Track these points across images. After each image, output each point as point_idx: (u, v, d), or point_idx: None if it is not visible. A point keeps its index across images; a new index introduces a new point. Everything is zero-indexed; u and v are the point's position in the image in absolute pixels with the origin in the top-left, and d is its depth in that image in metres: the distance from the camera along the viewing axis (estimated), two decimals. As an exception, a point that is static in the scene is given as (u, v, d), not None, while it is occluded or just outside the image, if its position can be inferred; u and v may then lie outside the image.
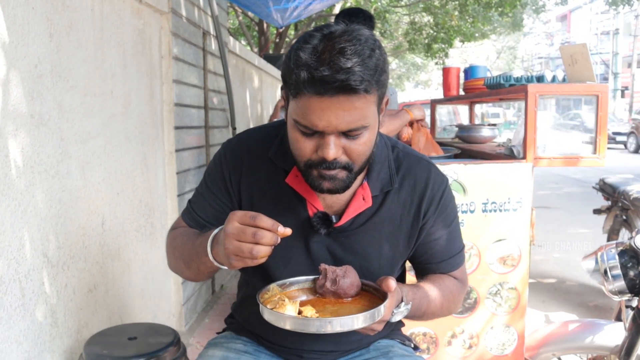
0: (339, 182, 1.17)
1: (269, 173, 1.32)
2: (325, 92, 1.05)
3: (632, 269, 1.65)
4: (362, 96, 1.07)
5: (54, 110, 1.89)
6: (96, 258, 2.20)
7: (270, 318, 1.07)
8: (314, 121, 1.09)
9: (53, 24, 1.89)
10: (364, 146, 1.15)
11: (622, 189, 3.79)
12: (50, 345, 1.86)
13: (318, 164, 1.15)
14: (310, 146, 1.14)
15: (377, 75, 1.09)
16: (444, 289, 1.36)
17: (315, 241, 1.31)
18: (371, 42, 1.09)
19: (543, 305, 3.95)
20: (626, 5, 16.96)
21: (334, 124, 1.09)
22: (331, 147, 1.11)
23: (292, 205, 1.30)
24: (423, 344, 2.63)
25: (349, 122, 1.09)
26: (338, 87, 1.04)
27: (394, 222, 1.32)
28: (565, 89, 2.62)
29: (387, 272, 1.33)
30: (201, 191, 1.40)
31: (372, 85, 1.08)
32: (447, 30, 12.63)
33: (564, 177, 11.58)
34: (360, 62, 1.05)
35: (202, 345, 3.17)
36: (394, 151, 1.36)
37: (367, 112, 1.11)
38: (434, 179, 1.35)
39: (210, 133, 3.92)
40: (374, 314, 1.06)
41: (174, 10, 3.11)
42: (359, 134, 1.13)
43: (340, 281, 1.15)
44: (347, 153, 1.15)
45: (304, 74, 1.06)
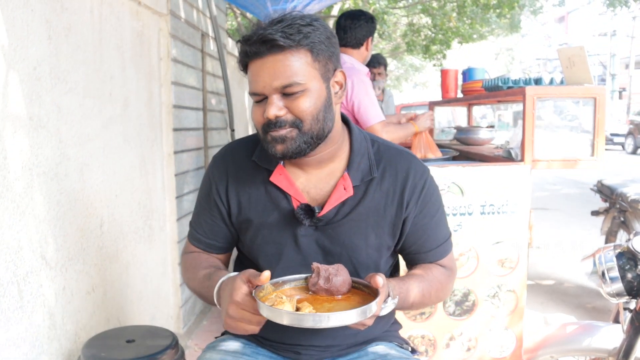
0: (290, 142, 1.24)
1: (254, 175, 1.38)
2: (254, 52, 1.21)
3: (629, 271, 1.66)
4: (288, 52, 1.19)
5: (53, 113, 1.89)
6: (94, 260, 2.20)
7: (268, 314, 1.09)
8: (254, 85, 1.23)
9: (52, 26, 1.89)
10: (306, 105, 1.23)
11: (620, 190, 3.80)
12: (48, 348, 1.86)
13: (268, 126, 1.24)
14: (261, 111, 1.25)
15: (307, 39, 1.21)
16: (432, 279, 1.40)
17: (303, 235, 1.35)
18: (308, 19, 1.23)
19: (541, 307, 3.96)
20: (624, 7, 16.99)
21: (268, 82, 1.20)
22: (271, 105, 1.22)
23: (278, 202, 1.35)
24: (421, 346, 2.63)
25: (281, 78, 1.20)
26: (260, 42, 1.19)
27: (378, 211, 1.36)
28: (562, 91, 2.63)
29: (375, 260, 1.39)
30: (197, 210, 1.48)
31: (297, 41, 1.19)
32: (445, 31, 12.63)
33: (561, 179, 11.59)
34: (286, 23, 1.20)
35: (200, 348, 3.16)
36: (374, 145, 1.42)
37: (298, 69, 1.20)
38: (415, 169, 1.39)
39: (208, 135, 3.92)
40: (366, 310, 1.10)
41: (173, 12, 3.11)
42: (295, 91, 1.21)
43: (332, 279, 1.18)
44: (291, 111, 1.23)
45: (240, 46, 1.24)
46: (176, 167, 3.18)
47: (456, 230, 2.55)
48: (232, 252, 1.54)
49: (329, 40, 1.26)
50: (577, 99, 2.66)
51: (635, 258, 1.65)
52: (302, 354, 1.40)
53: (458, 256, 2.58)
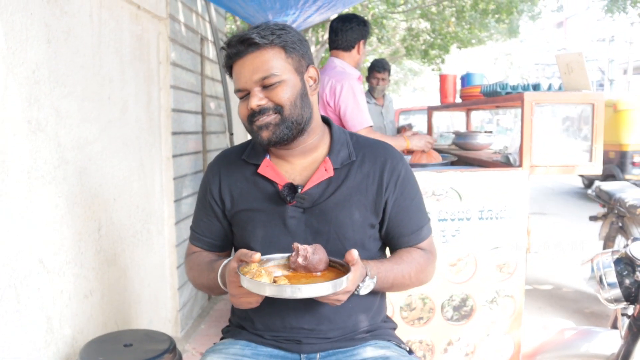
0: (274, 127, 1.39)
1: (244, 171, 1.52)
2: (235, 53, 1.37)
3: (627, 277, 1.66)
4: (264, 50, 1.36)
5: (52, 116, 1.89)
6: (92, 264, 2.20)
7: (248, 286, 1.21)
8: (237, 82, 1.39)
9: (51, 30, 1.89)
10: (283, 93, 1.38)
11: (618, 196, 3.81)
12: (46, 352, 1.85)
13: (252, 116, 1.39)
14: (246, 105, 1.40)
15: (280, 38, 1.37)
16: (411, 260, 1.50)
17: (291, 217, 1.45)
18: (281, 25, 1.40)
19: (539, 312, 3.96)
20: (622, 13, 17.04)
21: (249, 77, 1.37)
22: (253, 97, 1.37)
23: (266, 190, 1.48)
24: (419, 351, 2.63)
25: (260, 72, 1.36)
26: (239, 42, 1.35)
27: (360, 191, 1.47)
28: (561, 97, 2.64)
29: (360, 237, 1.49)
30: (196, 212, 1.61)
31: (271, 40, 1.36)
32: (444, 36, 12.66)
33: (560, 183, 11.60)
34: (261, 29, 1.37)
35: (197, 352, 3.16)
36: (353, 138, 1.56)
37: (274, 64, 1.36)
38: (392, 155, 1.53)
39: (207, 139, 3.92)
40: (337, 283, 1.21)
41: (172, 16, 3.11)
42: (273, 82, 1.36)
43: (310, 257, 1.29)
44: (271, 99, 1.38)
45: (223, 51, 1.41)
46: (175, 171, 3.18)
47: (454, 235, 2.56)
48: (231, 250, 1.61)
49: (300, 42, 1.42)
50: (576, 104, 2.67)
51: (633, 264, 1.65)
52: (303, 343, 1.44)
53: (456, 261, 2.58)
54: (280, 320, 1.45)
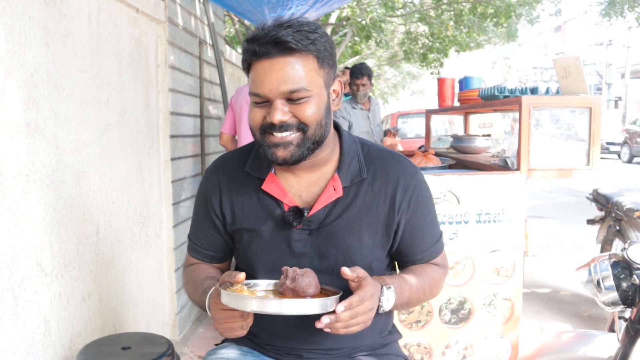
0: (293, 149, 1.25)
1: (246, 185, 1.40)
2: (264, 52, 1.19)
3: (624, 281, 1.66)
4: (297, 56, 1.20)
5: (50, 119, 1.89)
6: (90, 267, 2.20)
7: (227, 300, 1.13)
8: (260, 87, 1.21)
9: (50, 33, 1.89)
10: (311, 111, 1.23)
11: (616, 199, 3.81)
12: (43, 355, 1.85)
13: (270, 128, 1.24)
14: (262, 113, 1.25)
15: (314, 45, 1.21)
16: (425, 275, 1.42)
17: (297, 240, 1.36)
18: (313, 26, 1.23)
19: (537, 315, 3.96)
20: (619, 17, 17.10)
21: (275, 85, 1.20)
22: (276, 110, 1.21)
23: (270, 209, 1.37)
24: (417, 354, 2.63)
25: (290, 83, 1.20)
26: (272, 42, 1.18)
27: (370, 212, 1.37)
28: (558, 101, 2.64)
29: (369, 261, 1.39)
30: (194, 223, 1.51)
31: (306, 46, 1.20)
32: (443, 40, 12.69)
33: (557, 187, 11.62)
34: (294, 28, 1.20)
35: (195, 355, 3.16)
36: (364, 148, 1.43)
37: (306, 74, 1.21)
38: (405, 170, 1.40)
39: (206, 142, 3.93)
40: (328, 302, 1.13)
41: (171, 19, 3.12)
42: (301, 97, 1.22)
43: (299, 279, 1.19)
44: (296, 116, 1.23)
45: (246, 45, 1.22)
46: (173, 174, 3.18)
47: (452, 238, 2.56)
48: (231, 259, 1.56)
49: (332, 50, 1.28)
50: (573, 108, 2.67)
51: (630, 267, 1.65)
52: (303, 357, 1.41)
53: (454, 264, 2.58)
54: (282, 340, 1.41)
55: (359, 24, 10.48)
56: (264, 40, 1.19)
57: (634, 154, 18.39)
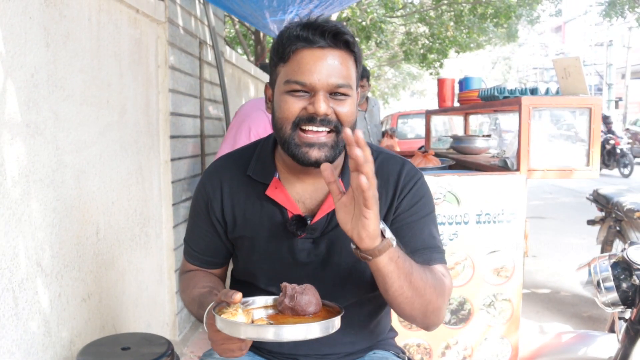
0: (328, 150, 1.21)
1: (248, 191, 1.36)
2: (317, 41, 1.15)
3: (624, 281, 1.66)
4: (346, 53, 1.18)
5: (50, 120, 1.89)
6: (90, 267, 2.20)
7: (221, 326, 1.06)
8: (306, 75, 1.16)
9: (50, 34, 1.89)
10: (350, 110, 1.21)
11: (616, 200, 3.81)
12: (43, 355, 1.85)
13: (307, 121, 1.18)
14: (300, 104, 1.18)
15: (355, 46, 1.20)
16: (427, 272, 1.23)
17: (300, 249, 1.33)
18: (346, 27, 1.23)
19: (537, 316, 3.96)
20: (620, 17, 17.12)
21: (325, 75, 1.16)
22: (322, 102, 1.16)
23: (273, 216, 1.33)
24: (417, 355, 2.63)
25: (340, 77, 1.17)
26: (329, 33, 1.15)
27: None
28: (558, 101, 2.64)
29: None
30: (191, 227, 1.45)
31: (355, 46, 1.19)
32: (443, 40, 12.70)
33: (558, 187, 11.62)
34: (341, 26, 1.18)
35: (195, 355, 3.16)
36: None
37: (351, 73, 1.20)
38: (407, 171, 1.38)
39: (206, 142, 3.93)
40: (330, 324, 1.06)
41: (171, 20, 3.12)
42: (345, 93, 1.19)
43: (297, 297, 1.13)
44: (337, 113, 1.20)
45: (298, 31, 1.16)
46: (173, 175, 3.18)
47: (452, 239, 2.56)
48: (228, 264, 1.52)
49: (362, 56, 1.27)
50: (573, 108, 2.68)
51: (630, 268, 1.66)
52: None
53: (454, 265, 2.58)
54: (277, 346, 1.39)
55: (359, 25, 10.49)
56: (322, 29, 1.15)
57: (634, 154, 18.39)
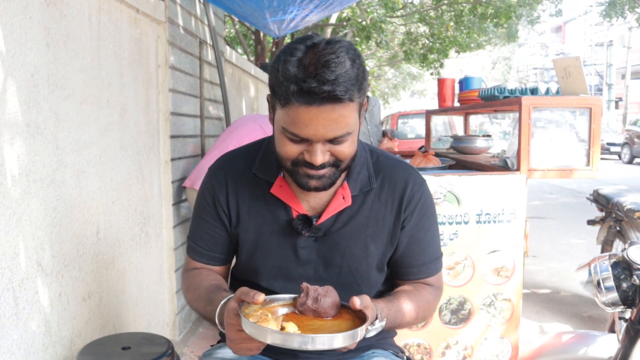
0: (326, 180, 1.25)
1: (253, 188, 1.38)
2: (312, 102, 1.13)
3: (624, 281, 1.66)
4: (346, 104, 1.16)
5: (50, 119, 1.89)
6: (90, 267, 2.20)
7: (251, 331, 1.07)
8: (302, 130, 1.17)
9: (50, 34, 1.89)
10: (349, 149, 1.23)
11: (616, 200, 3.81)
12: (44, 355, 1.85)
13: (304, 164, 1.23)
14: (298, 150, 1.22)
15: (359, 84, 1.17)
16: (420, 299, 1.39)
17: (303, 247, 1.35)
18: (352, 53, 1.17)
19: (537, 316, 3.96)
20: (620, 18, 17.13)
21: (321, 132, 1.16)
22: (318, 154, 1.19)
23: (277, 214, 1.36)
24: (417, 355, 2.63)
25: (335, 129, 1.17)
26: (325, 98, 1.12)
27: (377, 221, 1.37)
28: (558, 101, 2.64)
29: (375, 271, 1.40)
30: (196, 223, 1.46)
31: (354, 93, 1.16)
32: (443, 40, 12.71)
33: (558, 188, 11.62)
34: (343, 74, 1.13)
35: (195, 355, 3.16)
36: (373, 156, 1.43)
37: (350, 119, 1.19)
38: (413, 180, 1.41)
39: (206, 142, 3.93)
40: (354, 334, 1.08)
41: (171, 19, 3.12)
42: (344, 139, 1.20)
43: (321, 300, 1.15)
44: (334, 154, 1.22)
45: (293, 87, 1.13)
46: (173, 175, 3.18)
47: (452, 239, 2.56)
48: (231, 263, 1.53)
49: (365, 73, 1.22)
50: (573, 108, 2.68)
51: (630, 267, 1.65)
52: (299, 357, 1.41)
53: (454, 265, 2.58)
54: None
55: (359, 25, 10.49)
56: (316, 91, 1.11)
57: (634, 154, 18.39)
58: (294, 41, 1.20)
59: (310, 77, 1.11)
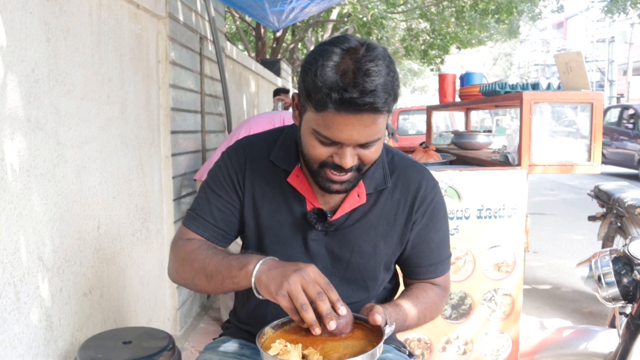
0: (348, 184, 1.26)
1: (270, 175, 1.38)
2: (351, 111, 1.13)
3: (625, 276, 1.66)
4: (383, 114, 1.16)
5: (51, 115, 1.89)
6: (91, 262, 2.20)
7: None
8: (337, 134, 1.17)
9: (50, 29, 1.89)
10: (375, 153, 1.24)
11: (617, 196, 3.81)
12: (45, 349, 1.86)
13: (332, 167, 1.23)
14: (327, 152, 1.22)
15: (394, 93, 1.17)
16: (427, 301, 1.40)
17: (313, 239, 1.36)
18: (387, 60, 1.17)
19: (537, 312, 3.96)
20: (622, 14, 17.07)
21: (355, 137, 1.17)
22: (348, 157, 1.20)
23: (291, 204, 1.36)
24: (417, 349, 2.63)
25: (368, 136, 1.18)
26: (364, 109, 1.12)
27: (388, 220, 1.38)
28: (560, 96, 2.64)
29: (384, 270, 1.41)
30: (205, 197, 1.41)
31: (391, 104, 1.17)
32: (444, 36, 12.69)
33: (559, 184, 11.62)
34: (382, 84, 1.13)
35: (196, 350, 3.16)
36: (389, 155, 1.43)
37: (382, 126, 1.19)
38: (427, 181, 1.42)
39: (206, 138, 3.93)
40: (374, 353, 1.08)
41: (172, 15, 3.12)
42: (373, 145, 1.21)
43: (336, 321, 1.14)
44: (361, 159, 1.23)
45: (334, 95, 1.11)
46: (174, 170, 3.18)
47: (453, 234, 2.56)
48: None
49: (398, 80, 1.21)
50: (574, 104, 2.67)
51: (631, 263, 1.65)
52: None
53: (455, 260, 2.59)
54: None
55: (360, 21, 10.48)
56: (358, 102, 1.11)
57: (635, 150, 18.35)
58: (327, 42, 1.19)
59: (351, 87, 1.11)
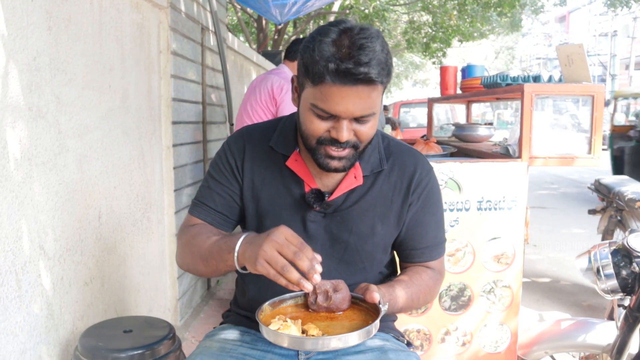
0: (346, 162, 1.31)
1: (269, 160, 1.43)
2: (347, 82, 1.19)
3: (624, 268, 1.67)
4: (376, 87, 1.22)
5: (52, 103, 1.89)
6: (92, 251, 2.21)
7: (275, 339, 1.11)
8: (333, 107, 1.22)
9: (52, 17, 1.89)
10: (371, 129, 1.29)
11: (617, 189, 3.81)
12: (46, 337, 1.87)
13: (329, 142, 1.28)
14: (324, 127, 1.27)
15: (388, 68, 1.23)
16: (420, 283, 1.44)
17: (312, 221, 1.41)
18: (381, 39, 1.24)
19: (537, 305, 3.97)
20: (624, 7, 17.01)
21: (351, 110, 1.22)
22: (344, 130, 1.25)
23: (290, 186, 1.41)
24: (416, 340, 2.64)
25: (363, 109, 1.23)
26: (359, 79, 1.18)
27: (385, 202, 1.43)
28: (561, 89, 2.64)
29: (381, 251, 1.47)
30: (207, 185, 1.48)
31: (385, 77, 1.23)
32: (446, 29, 12.65)
33: (559, 178, 11.61)
34: (376, 58, 1.19)
35: (196, 340, 3.18)
36: (384, 140, 1.49)
37: (377, 100, 1.25)
38: (422, 166, 1.48)
39: (207, 128, 3.93)
40: (369, 330, 1.12)
41: (173, 5, 3.11)
42: (368, 119, 1.27)
43: (332, 297, 1.20)
44: (357, 135, 1.28)
45: (331, 65, 1.18)
46: (175, 160, 3.18)
47: (453, 225, 2.57)
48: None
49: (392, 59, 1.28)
50: (576, 96, 2.67)
51: (630, 255, 1.66)
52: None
53: (454, 251, 2.59)
54: None
55: (361, 13, 10.44)
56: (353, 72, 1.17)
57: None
58: (326, 24, 1.25)
59: (347, 58, 1.17)
